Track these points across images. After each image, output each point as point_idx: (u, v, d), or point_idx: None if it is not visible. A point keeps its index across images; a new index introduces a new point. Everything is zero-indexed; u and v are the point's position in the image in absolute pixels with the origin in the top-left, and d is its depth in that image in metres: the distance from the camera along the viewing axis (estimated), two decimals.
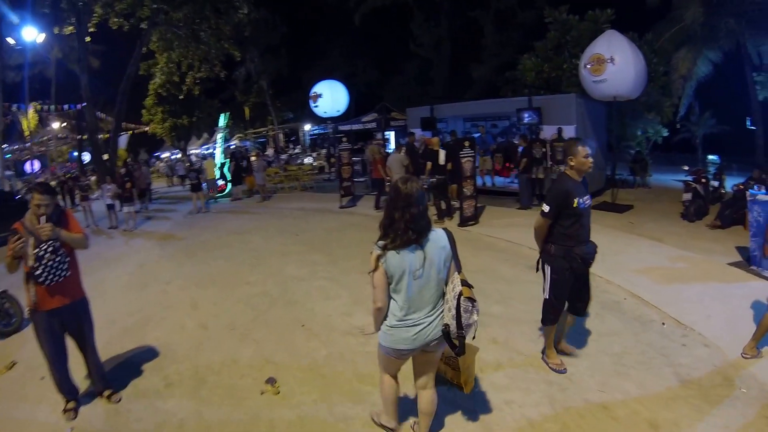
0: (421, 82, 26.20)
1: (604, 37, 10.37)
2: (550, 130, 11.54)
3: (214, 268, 7.39)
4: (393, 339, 2.55)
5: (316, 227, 10.05)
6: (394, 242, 2.41)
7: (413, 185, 2.45)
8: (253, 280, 6.62)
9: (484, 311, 4.94)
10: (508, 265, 6.78)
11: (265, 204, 14.28)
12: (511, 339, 4.41)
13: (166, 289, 6.58)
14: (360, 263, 6.94)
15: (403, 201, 2.40)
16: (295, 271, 6.92)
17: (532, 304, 5.06)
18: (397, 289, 2.48)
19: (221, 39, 18.72)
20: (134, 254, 8.90)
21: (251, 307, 5.55)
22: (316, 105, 18.92)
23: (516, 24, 19.97)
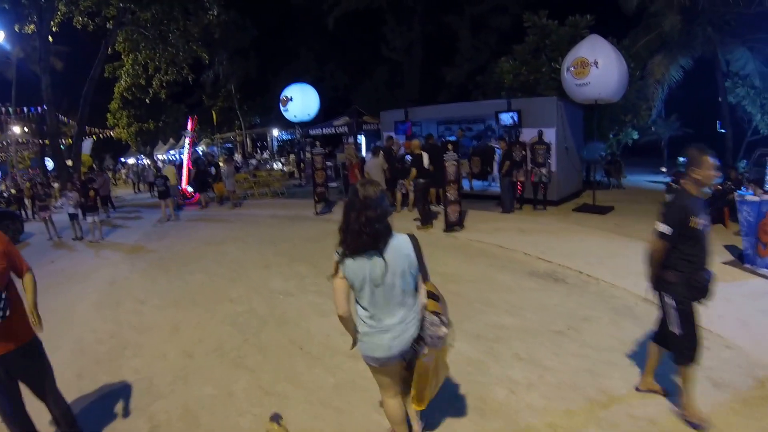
0: (391, 87, 26.16)
1: (587, 41, 10.37)
2: (529, 132, 11.44)
3: (191, 283, 6.77)
4: (368, 346, 2.44)
5: (294, 236, 9.53)
6: (348, 247, 2.32)
7: (372, 188, 2.33)
8: (236, 296, 6.05)
9: (497, 323, 4.75)
10: (506, 273, 6.56)
11: (237, 211, 13.64)
12: (534, 353, 4.15)
13: (141, 309, 5.92)
14: None
15: (360, 204, 2.29)
16: (281, 284, 6.39)
17: (543, 313, 4.99)
18: (360, 296, 2.39)
19: (190, 41, 17.97)
20: (102, 269, 8.14)
21: (239, 329, 5.00)
22: (286, 109, 18.17)
23: (491, 28, 20.03)
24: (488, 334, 4.52)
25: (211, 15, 17.67)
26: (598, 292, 5.61)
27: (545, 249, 7.50)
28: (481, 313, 5.05)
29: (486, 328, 4.66)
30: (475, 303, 5.37)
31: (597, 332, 4.46)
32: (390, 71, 26.10)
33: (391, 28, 21.82)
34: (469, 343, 4.31)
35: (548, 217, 10.34)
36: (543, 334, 4.47)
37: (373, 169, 10.35)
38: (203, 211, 14.42)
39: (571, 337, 4.39)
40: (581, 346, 4.21)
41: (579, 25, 13.10)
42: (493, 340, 4.39)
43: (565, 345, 4.23)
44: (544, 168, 11.05)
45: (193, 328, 5.14)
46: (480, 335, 4.48)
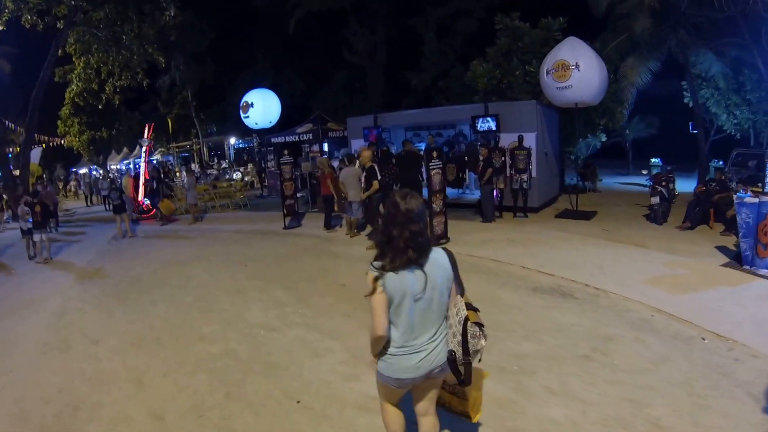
0: (350, 93, 25.68)
1: (567, 44, 10.15)
2: (507, 138, 11.08)
3: (154, 316, 5.78)
4: (394, 368, 2.33)
5: (265, 254, 8.67)
6: (393, 262, 2.20)
7: (414, 200, 2.26)
8: (208, 333, 5.15)
9: (516, 351, 4.27)
10: (509, 290, 6.10)
11: (199, 226, 12.56)
12: (567, 385, 3.73)
13: (96, 352, 4.91)
14: (337, 300, 5.82)
15: (403, 217, 2.22)
16: (260, 316, 5.55)
17: (562, 335, 4.64)
18: (397, 312, 2.26)
19: (145, 43, 16.80)
20: (49, 298, 7.00)
21: (218, 378, 4.12)
22: (246, 115, 17.44)
23: (456, 32, 19.79)
24: (510, 365, 4.06)
25: (168, 15, 16.56)
26: (610, 306, 5.34)
27: (543, 261, 7.13)
28: (496, 340, 4.47)
29: (506, 358, 4.18)
30: (485, 328, 4.77)
31: (624, 353, 4.19)
32: (349, 76, 25.62)
33: (354, 31, 21.19)
34: (493, 378, 3.78)
35: (533, 225, 10.00)
36: (569, 360, 4.10)
37: (349, 179, 9.64)
38: (162, 226, 13.26)
39: (600, 361, 4.06)
40: (613, 370, 3.90)
41: (552, 28, 12.94)
42: (518, 372, 3.95)
43: (595, 371, 3.89)
44: (525, 174, 10.72)
45: (161, 378, 4.22)
46: (503, 368, 4.00)
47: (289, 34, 24.13)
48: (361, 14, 21.03)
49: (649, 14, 11.25)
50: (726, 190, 9.70)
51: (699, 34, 12.17)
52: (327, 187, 10.52)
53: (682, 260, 6.95)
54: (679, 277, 6.14)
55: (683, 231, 9.30)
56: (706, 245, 8.07)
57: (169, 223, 13.25)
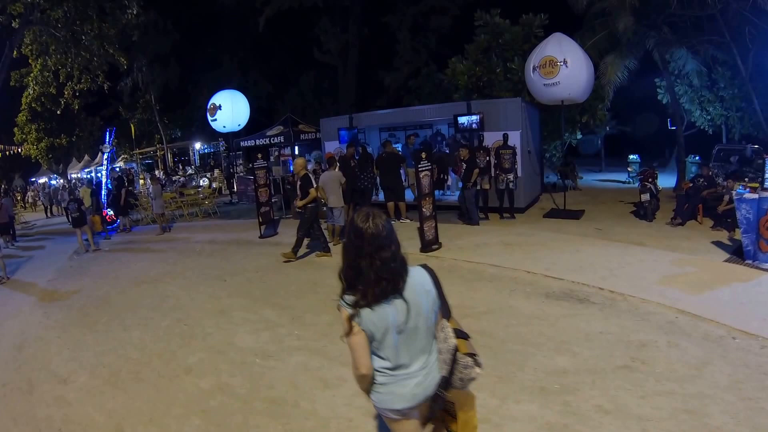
0: (318, 94, 25.05)
1: (553, 40, 9.91)
2: (491, 136, 10.79)
3: (128, 346, 5.00)
4: (388, 398, 2.07)
5: (244, 267, 7.97)
6: (365, 298, 1.93)
7: (378, 221, 1.96)
8: (195, 364, 4.44)
9: (552, 367, 3.92)
10: (520, 297, 5.71)
11: (167, 237, 11.65)
12: (617, 401, 3.44)
13: (65, 394, 4.13)
14: (334, 318, 5.07)
15: (370, 245, 1.92)
16: (251, 340, 4.87)
17: (593, 345, 4.35)
18: (381, 347, 2.01)
19: (105, 43, 15.72)
20: (6, 326, 6.14)
21: (215, 422, 3.46)
22: (214, 118, 16.65)
23: (430, 30, 19.46)
24: (551, 384, 3.70)
25: (130, 14, 15.55)
26: (631, 309, 5.12)
27: (547, 264, 6.81)
28: (527, 356, 4.16)
29: (543, 376, 3.81)
30: (509, 343, 4.42)
31: (663, 360, 3.98)
32: (317, 77, 25.00)
33: (325, 30, 20.53)
34: (537, 401, 3.47)
35: (524, 227, 9.73)
36: (610, 372, 3.82)
37: (329, 183, 9.06)
38: (126, 236, 12.30)
39: (641, 370, 3.83)
40: (658, 380, 3.67)
41: (533, 24, 12.74)
42: (561, 391, 3.59)
43: (641, 383, 3.64)
44: (511, 174, 10.44)
45: (146, 425, 3.51)
46: (543, 388, 3.64)
47: (256, 35, 23.30)
48: (333, 12, 20.40)
49: (631, 12, 11.13)
50: (713, 186, 9.73)
51: (678, 32, 12.19)
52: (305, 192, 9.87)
53: (687, 258, 6.87)
54: (690, 275, 6.04)
55: (675, 227, 9.28)
56: (702, 241, 8.10)
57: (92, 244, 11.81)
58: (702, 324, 4.61)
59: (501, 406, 3.44)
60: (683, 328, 4.56)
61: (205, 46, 26.64)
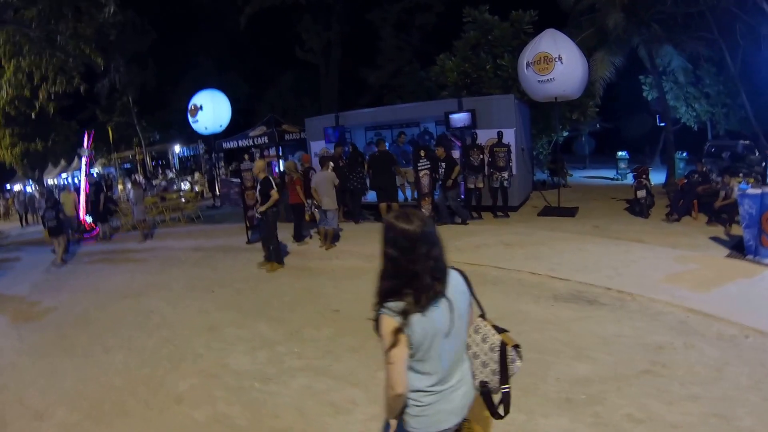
0: (298, 94, 24.66)
1: (547, 36, 9.72)
2: (484, 134, 10.55)
3: (111, 371, 4.53)
4: (435, 419, 1.85)
5: (233, 276, 7.56)
6: (419, 303, 1.71)
7: (422, 218, 1.80)
8: (186, 391, 4.01)
9: (574, 375, 3.81)
10: (528, 301, 5.52)
11: (149, 244, 11.11)
12: (646, 408, 3.33)
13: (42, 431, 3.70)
14: (336, 332, 4.89)
15: (422, 245, 1.74)
16: (247, 362, 4.44)
17: (611, 349, 4.22)
18: (426, 358, 1.79)
19: (81, 43, 15.08)
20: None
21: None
22: (195, 119, 16.10)
23: (414, 27, 19.18)
24: (577, 394, 3.53)
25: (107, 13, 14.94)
26: (641, 310, 5.02)
27: (551, 265, 6.60)
28: (546, 365, 3.95)
29: (567, 386, 3.64)
30: (525, 351, 3.92)
31: (683, 362, 3.91)
32: (297, 77, 24.59)
33: (307, 27, 20.07)
34: (566, 414, 3.31)
35: (520, 226, 9.53)
36: (633, 379, 3.71)
37: (322, 185, 8.73)
38: (106, 245, 11.73)
39: (664, 375, 3.74)
40: (682, 384, 3.59)
41: (523, 21, 12.57)
42: (588, 402, 3.43)
43: (666, 387, 3.56)
44: (505, 172, 10.24)
45: None
46: (570, 399, 3.48)
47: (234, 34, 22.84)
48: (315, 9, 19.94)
49: (621, 9, 11.02)
50: (708, 182, 9.69)
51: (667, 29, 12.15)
52: (296, 195, 9.49)
53: (689, 254, 6.82)
54: (694, 272, 5.98)
55: (671, 223, 9.25)
56: (700, 237, 8.05)
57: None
58: (714, 323, 4.55)
59: (529, 421, 3.24)
60: (696, 328, 4.50)
61: (183, 46, 25.96)
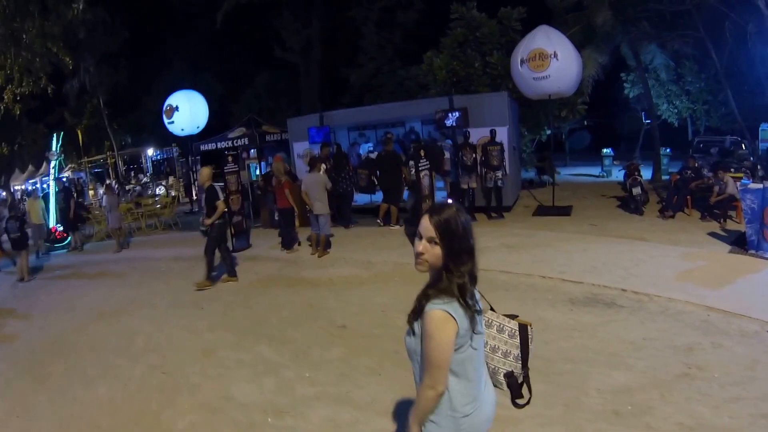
0: (275, 95, 24.06)
1: (541, 32, 9.55)
2: (476, 132, 10.30)
3: (94, 407, 3.92)
4: (475, 428, 1.67)
5: (220, 288, 7.02)
6: (464, 295, 1.57)
7: (454, 207, 1.65)
8: (185, 429, 3.49)
9: (614, 385, 3.64)
10: (545, 307, 5.29)
11: (126, 254, 10.42)
12: (693, 414, 3.20)
13: None
14: (349, 351, 4.47)
15: (473, 238, 1.64)
16: (254, 391, 3.88)
17: (643, 354, 4.06)
18: (462, 358, 1.62)
19: (49, 42, 14.19)
20: None
21: None
22: (171, 121, 15.53)
23: (395, 25, 18.80)
24: (623, 405, 3.35)
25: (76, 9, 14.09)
26: (662, 310, 4.94)
27: (560, 267, 6.43)
28: (581, 376, 3.76)
29: (611, 397, 3.46)
30: (558, 362, 3.98)
31: (715, 363, 3.84)
32: (273, 78, 23.96)
33: (287, 26, 19.44)
34: (617, 428, 3.13)
35: (516, 226, 9.35)
36: (672, 383, 3.61)
37: (314, 188, 8.30)
38: (78, 256, 10.96)
39: (701, 377, 3.67)
40: (722, 386, 3.51)
41: (511, 18, 12.39)
42: (636, 413, 3.26)
43: (707, 391, 3.47)
44: (499, 171, 10.02)
45: None
46: (617, 411, 3.30)
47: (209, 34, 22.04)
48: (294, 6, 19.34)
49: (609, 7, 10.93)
50: (701, 177, 9.67)
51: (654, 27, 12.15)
52: (285, 199, 9.01)
53: (694, 251, 6.84)
54: (704, 269, 6.02)
55: (666, 220, 9.24)
56: (698, 233, 8.11)
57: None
58: (734, 320, 4.54)
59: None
60: (718, 326, 4.46)
61: (156, 45, 25.02)
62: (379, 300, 5.77)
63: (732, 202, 8.61)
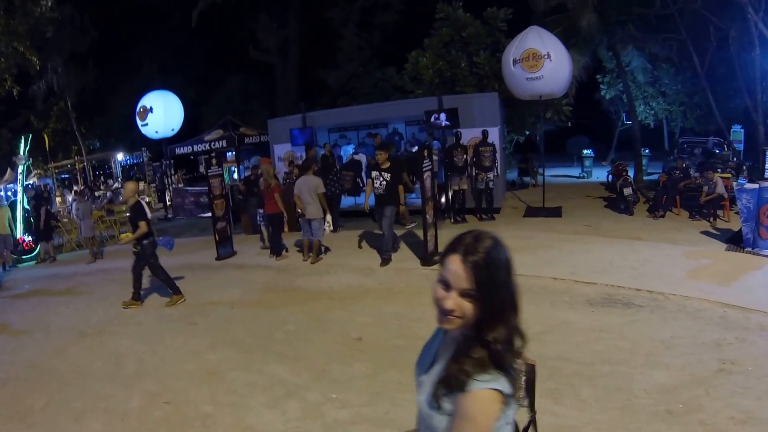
0: (247, 98, 23.58)
1: (532, 32, 9.50)
2: (467, 133, 10.17)
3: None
4: None
5: (213, 301, 6.49)
6: (511, 364, 1.18)
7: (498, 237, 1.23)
8: None
9: (658, 385, 3.56)
10: (565, 309, 5.26)
11: (100, 266, 9.71)
12: (743, 408, 3.24)
13: None
14: (374, 366, 4.12)
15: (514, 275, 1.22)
16: (276, 418, 3.46)
17: (676, 353, 4.06)
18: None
19: (14, 41, 13.29)
20: None
21: None
22: (145, 123, 14.90)
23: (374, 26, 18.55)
24: (673, 404, 3.34)
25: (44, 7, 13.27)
26: (680, 309, 4.99)
27: (569, 268, 6.36)
28: (624, 378, 3.73)
29: (658, 396, 3.45)
30: (596, 365, 3.93)
31: (746, 356, 3.93)
32: (246, 80, 23.43)
33: (264, 25, 18.90)
34: (674, 426, 3.13)
35: (510, 228, 9.25)
36: (712, 379, 3.65)
37: (305, 191, 7.92)
38: (50, 268, 10.18)
39: (737, 371, 3.72)
40: (758, 378, 3.58)
41: (497, 18, 12.33)
42: (688, 410, 3.28)
43: (746, 384, 3.53)
44: (491, 172, 9.91)
45: None
46: (669, 410, 3.29)
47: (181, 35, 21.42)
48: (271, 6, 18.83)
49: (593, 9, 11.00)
50: (688, 177, 9.82)
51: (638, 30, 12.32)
52: (274, 203, 8.57)
53: (694, 250, 7.03)
54: (709, 267, 6.17)
55: (657, 219, 9.36)
56: (691, 231, 8.29)
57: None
58: (751, 315, 4.63)
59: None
60: (737, 322, 4.55)
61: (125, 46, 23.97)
62: (391, 309, 5.48)
63: (721, 202, 8.81)
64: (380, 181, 7.33)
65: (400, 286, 6.31)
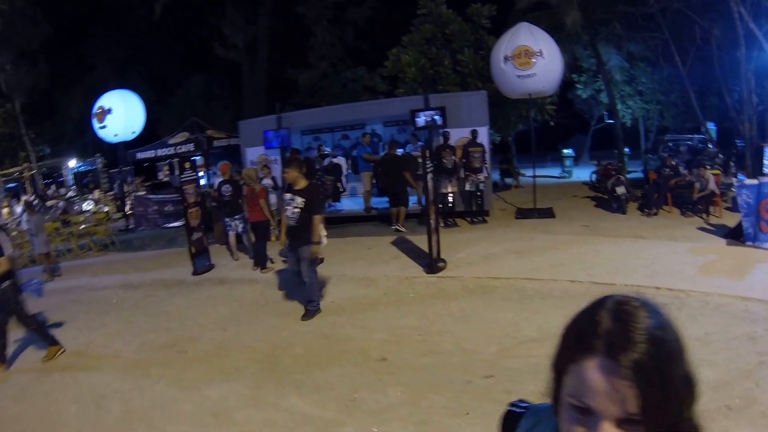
0: (209, 99, 22.68)
1: (523, 29, 9.28)
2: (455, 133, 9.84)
3: None
4: None
5: (199, 322, 5.77)
6: None
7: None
8: None
9: (710, 384, 3.35)
10: None
11: (60, 285, 8.68)
12: None
13: None
14: (412, 391, 3.61)
15: None
16: None
17: (715, 349, 3.99)
18: None
19: None
20: None
21: None
22: (103, 125, 13.98)
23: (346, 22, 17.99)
24: (730, 399, 3.31)
25: None
26: (703, 305, 4.96)
27: (583, 270, 6.17)
28: None
29: (713, 393, 3.32)
30: None
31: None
32: (207, 81, 22.59)
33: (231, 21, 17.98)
34: (740, 421, 3.10)
35: (508, 231, 9.02)
36: (757, 372, 3.63)
37: None
38: None
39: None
40: None
41: (481, 15, 12.05)
42: (746, 404, 3.28)
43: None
44: (481, 174, 9.61)
45: None
46: (728, 405, 3.26)
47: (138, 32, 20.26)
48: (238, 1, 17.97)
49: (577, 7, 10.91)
50: (678, 175, 9.81)
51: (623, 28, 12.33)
52: (258, 211, 7.92)
53: (698, 246, 7.05)
54: (718, 262, 6.22)
55: (651, 217, 9.32)
56: (687, 228, 8.35)
57: None
58: None
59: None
60: (762, 314, 4.58)
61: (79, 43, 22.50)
62: (407, 323, 5.00)
63: (713, 198, 8.84)
64: (292, 208, 5.35)
65: (410, 297, 5.83)
